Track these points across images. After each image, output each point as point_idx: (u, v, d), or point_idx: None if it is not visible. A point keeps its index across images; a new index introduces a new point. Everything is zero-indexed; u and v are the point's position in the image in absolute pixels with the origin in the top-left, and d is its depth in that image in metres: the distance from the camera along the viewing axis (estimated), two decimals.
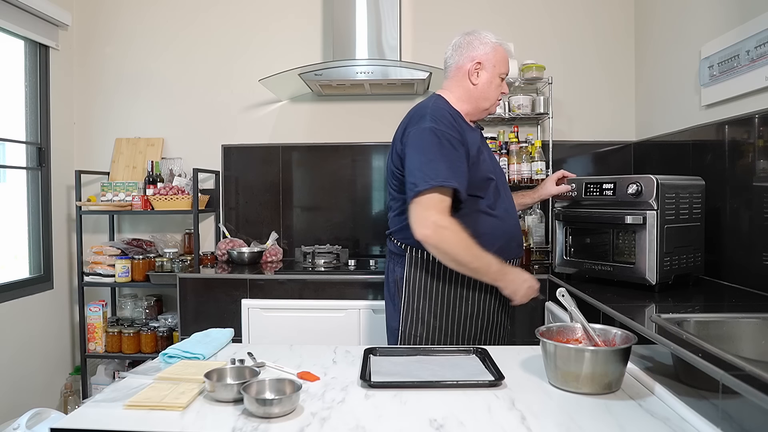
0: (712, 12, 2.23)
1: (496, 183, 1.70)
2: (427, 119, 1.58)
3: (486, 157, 1.72)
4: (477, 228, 1.59)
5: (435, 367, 1.34)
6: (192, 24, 3.22)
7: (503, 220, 1.70)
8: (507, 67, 1.76)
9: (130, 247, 3.04)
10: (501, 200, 1.71)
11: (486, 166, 1.69)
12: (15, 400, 2.71)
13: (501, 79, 1.75)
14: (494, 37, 1.74)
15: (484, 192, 1.66)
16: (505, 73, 1.76)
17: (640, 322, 1.44)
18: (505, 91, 1.78)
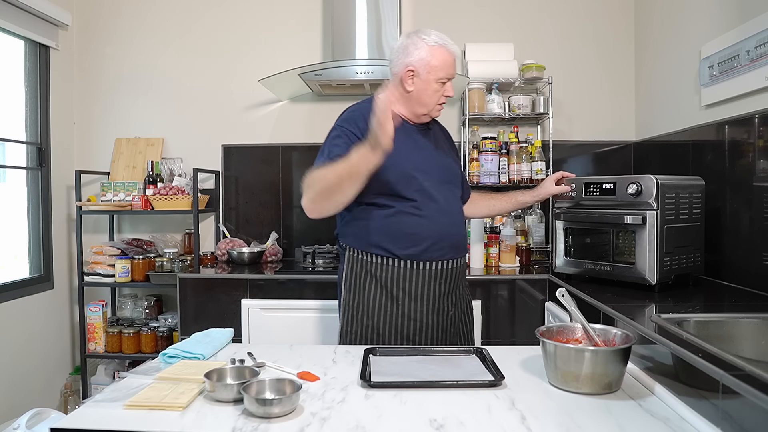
0: (712, 12, 2.23)
1: (424, 182, 1.65)
2: (340, 119, 1.72)
3: (407, 155, 1.64)
4: (401, 228, 1.65)
5: (435, 367, 1.34)
6: (192, 24, 3.22)
7: (431, 219, 1.65)
8: (447, 70, 1.67)
9: (130, 247, 3.04)
10: (431, 200, 1.66)
11: (404, 165, 1.62)
12: (15, 400, 2.72)
13: (441, 84, 1.68)
14: (434, 39, 1.66)
15: (406, 191, 1.63)
16: (444, 77, 1.68)
17: (640, 322, 1.44)
18: (449, 94, 1.70)
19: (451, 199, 1.75)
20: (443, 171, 1.75)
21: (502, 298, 2.50)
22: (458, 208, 1.79)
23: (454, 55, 1.69)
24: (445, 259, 1.70)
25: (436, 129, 1.85)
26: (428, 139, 1.77)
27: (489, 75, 2.91)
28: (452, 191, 1.77)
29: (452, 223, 1.72)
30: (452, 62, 1.69)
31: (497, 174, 2.91)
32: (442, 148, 1.81)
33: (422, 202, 1.65)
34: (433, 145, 1.78)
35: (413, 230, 1.64)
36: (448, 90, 1.70)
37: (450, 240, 1.70)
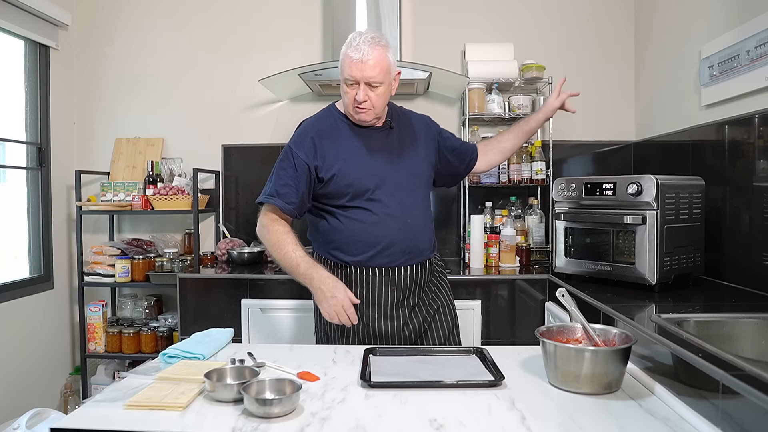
0: (712, 12, 2.23)
1: (376, 189, 1.66)
2: (292, 137, 1.76)
3: (358, 164, 1.67)
4: (350, 235, 1.69)
5: (435, 367, 1.34)
6: (192, 24, 3.22)
7: (381, 226, 1.66)
8: (347, 72, 1.61)
9: (130, 247, 3.04)
10: (383, 206, 1.67)
11: (354, 175, 1.65)
12: (15, 400, 2.71)
13: (348, 85, 1.63)
14: (347, 41, 1.64)
15: (356, 199, 1.66)
16: (347, 78, 1.62)
17: (640, 322, 1.44)
18: (358, 98, 1.61)
19: (409, 203, 1.71)
20: (402, 174, 1.71)
21: (502, 298, 2.50)
22: (416, 212, 1.73)
23: (353, 57, 1.58)
24: (396, 266, 1.69)
25: (402, 127, 1.79)
26: (388, 141, 1.74)
27: (489, 75, 2.91)
28: (412, 194, 1.73)
29: (405, 228, 1.69)
30: (351, 63, 1.59)
31: (497, 174, 2.91)
32: (407, 148, 1.76)
33: (373, 209, 1.67)
34: (394, 147, 1.74)
35: (361, 237, 1.67)
36: (356, 92, 1.61)
37: (401, 246, 1.69)
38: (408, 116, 1.85)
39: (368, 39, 1.60)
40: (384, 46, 1.63)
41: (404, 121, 1.82)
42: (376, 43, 1.60)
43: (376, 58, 1.59)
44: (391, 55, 1.65)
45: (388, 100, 1.71)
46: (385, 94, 1.66)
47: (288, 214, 1.71)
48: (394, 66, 1.68)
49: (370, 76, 1.60)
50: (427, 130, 1.86)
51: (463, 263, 2.88)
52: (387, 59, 1.63)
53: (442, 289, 1.86)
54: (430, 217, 1.82)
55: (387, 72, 1.63)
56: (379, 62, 1.60)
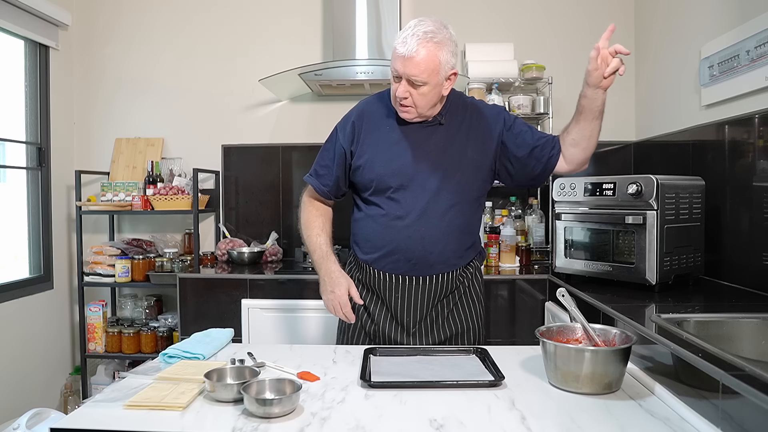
0: (712, 12, 2.23)
1: (399, 189, 1.56)
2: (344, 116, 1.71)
3: (388, 158, 1.57)
4: (364, 232, 1.65)
5: (435, 367, 1.34)
6: (192, 24, 3.22)
7: (390, 229, 1.57)
8: (393, 63, 1.50)
9: (130, 247, 3.04)
10: (400, 208, 1.56)
11: (379, 170, 1.57)
12: (15, 400, 2.71)
13: (393, 77, 1.53)
14: (403, 29, 1.51)
15: (376, 196, 1.60)
16: (392, 70, 1.52)
17: (640, 322, 1.44)
18: (398, 94, 1.50)
19: (432, 209, 1.56)
20: (435, 177, 1.56)
21: (502, 298, 2.50)
22: (437, 221, 1.56)
23: (398, 50, 1.46)
24: (399, 274, 1.60)
25: (457, 124, 1.61)
26: (432, 138, 1.58)
27: (489, 75, 2.91)
28: (439, 200, 1.56)
29: (415, 237, 1.56)
30: (396, 56, 1.48)
31: None
32: (454, 149, 1.59)
33: (388, 210, 1.58)
34: (438, 146, 1.58)
35: (370, 237, 1.63)
36: (397, 88, 1.50)
37: (406, 254, 1.57)
38: (470, 112, 1.63)
39: (419, 33, 1.45)
40: (438, 42, 1.46)
41: (463, 117, 1.62)
42: (427, 39, 1.44)
43: (422, 56, 1.44)
44: (444, 54, 1.48)
45: (435, 101, 1.54)
46: (430, 95, 1.50)
47: (323, 197, 1.69)
48: (447, 65, 1.49)
49: (413, 74, 1.45)
50: (490, 130, 1.61)
51: None
52: (436, 58, 1.46)
53: (467, 311, 1.67)
54: (460, 227, 1.60)
55: (434, 72, 1.47)
56: (424, 61, 1.44)
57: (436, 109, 1.58)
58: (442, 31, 1.49)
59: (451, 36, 1.51)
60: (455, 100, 1.64)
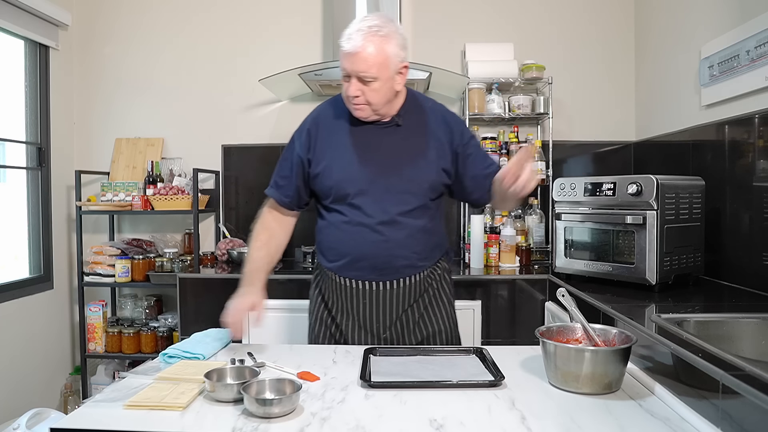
0: (712, 12, 2.23)
1: (359, 194, 1.52)
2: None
3: (345, 164, 1.52)
4: (327, 239, 1.62)
5: (435, 367, 1.33)
6: (192, 24, 3.22)
7: (353, 235, 1.53)
8: (341, 62, 1.45)
9: (130, 247, 3.04)
10: (363, 214, 1.52)
11: (337, 177, 1.53)
12: (15, 400, 2.71)
13: (343, 77, 1.48)
14: (347, 27, 1.46)
15: (337, 203, 1.56)
16: (341, 69, 1.47)
17: (640, 322, 1.44)
18: (349, 93, 1.46)
19: (395, 214, 1.52)
20: (397, 180, 1.51)
21: (502, 298, 2.50)
22: (402, 225, 1.52)
23: (344, 47, 1.43)
24: (365, 281, 1.56)
25: (415, 124, 1.56)
26: (391, 140, 1.54)
27: (489, 75, 2.91)
28: (403, 204, 1.52)
29: (378, 242, 1.52)
30: (342, 54, 1.44)
31: None
32: (414, 150, 1.54)
33: (349, 216, 1.53)
34: (396, 148, 1.54)
35: (334, 244, 1.59)
36: (348, 87, 1.46)
37: (372, 261, 1.54)
38: (430, 113, 1.60)
39: (364, 28, 1.42)
40: (384, 36, 1.42)
41: (421, 118, 1.58)
42: (372, 33, 1.41)
43: (369, 50, 1.40)
44: (392, 47, 1.44)
45: (389, 96, 1.49)
46: (382, 90, 1.46)
47: (286, 208, 1.66)
48: (396, 58, 1.45)
49: (361, 70, 1.42)
50: (448, 133, 1.58)
51: (463, 263, 2.88)
52: (384, 52, 1.42)
53: (438, 312, 1.65)
54: (424, 228, 1.57)
55: (383, 66, 1.43)
56: (372, 55, 1.41)
57: (393, 107, 1.55)
58: (388, 24, 1.46)
59: (398, 29, 1.48)
60: (413, 101, 1.60)
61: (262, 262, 1.63)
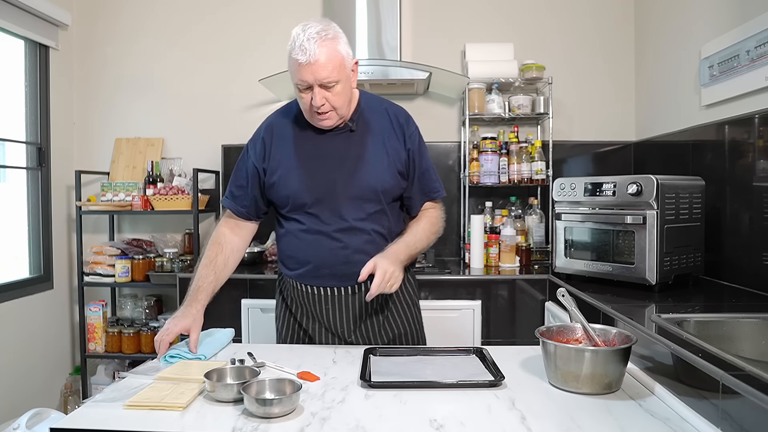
0: (712, 12, 2.23)
1: (315, 202, 1.51)
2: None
3: (301, 173, 1.51)
4: (287, 248, 1.61)
5: (435, 367, 1.34)
6: (192, 23, 3.22)
7: (312, 244, 1.53)
8: (298, 75, 1.41)
9: (130, 247, 3.04)
10: (320, 222, 1.51)
11: (293, 186, 1.51)
12: (15, 400, 2.71)
13: (301, 90, 1.45)
14: (289, 45, 1.43)
15: (294, 212, 1.55)
16: (298, 83, 1.43)
17: (640, 322, 1.44)
18: (315, 104, 1.43)
19: (354, 221, 1.51)
20: (353, 187, 1.50)
21: (502, 298, 2.50)
22: (361, 233, 1.51)
23: (300, 59, 1.39)
24: (326, 287, 1.56)
25: (368, 128, 1.55)
26: (346, 146, 1.53)
27: (489, 75, 2.91)
28: (360, 210, 1.51)
29: (336, 250, 1.50)
30: (299, 66, 1.40)
31: (497, 174, 2.91)
32: (369, 155, 1.52)
33: (308, 225, 1.53)
34: (352, 154, 1.52)
35: (293, 253, 1.58)
36: (312, 97, 1.43)
37: (332, 269, 1.53)
38: (381, 113, 1.58)
39: (313, 35, 1.40)
40: (332, 38, 1.42)
41: (373, 120, 1.57)
42: (323, 38, 1.40)
43: (326, 55, 1.39)
44: (343, 46, 1.44)
45: (349, 95, 1.50)
46: (344, 91, 1.46)
47: (243, 218, 1.63)
48: (349, 57, 1.46)
49: (323, 77, 1.40)
50: (401, 134, 1.57)
51: (463, 263, 2.88)
52: (339, 53, 1.42)
53: (403, 313, 1.64)
54: (383, 233, 1.55)
55: (342, 67, 1.43)
56: (330, 59, 1.40)
57: (351, 107, 1.54)
58: (330, 25, 1.46)
59: (338, 28, 1.48)
60: (366, 103, 1.59)
61: (205, 282, 1.55)
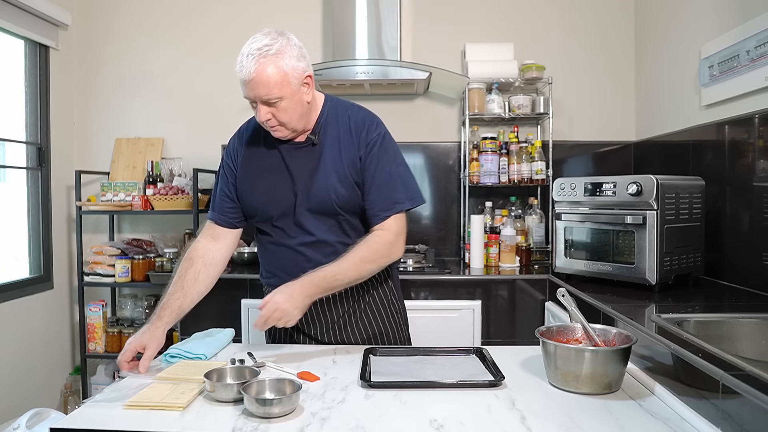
0: (712, 12, 2.23)
1: (281, 216, 1.51)
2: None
3: (266, 187, 1.51)
4: (262, 258, 1.62)
5: (435, 367, 1.34)
6: (192, 24, 3.22)
7: (281, 257, 1.54)
8: (245, 92, 1.42)
9: (130, 247, 3.04)
10: (286, 236, 1.51)
11: (259, 199, 1.51)
12: (15, 400, 2.71)
13: (250, 103, 1.45)
14: (238, 59, 1.42)
15: (263, 224, 1.55)
16: (247, 98, 1.44)
17: (640, 322, 1.44)
18: (259, 118, 1.43)
19: (317, 233, 1.49)
20: (316, 200, 1.47)
21: (502, 298, 2.50)
22: (325, 245, 1.49)
23: (239, 75, 1.41)
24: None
25: (330, 139, 1.50)
26: (309, 159, 1.49)
27: (489, 75, 2.91)
28: (324, 223, 1.50)
29: (301, 262, 1.46)
30: (245, 83, 1.41)
31: (497, 174, 2.91)
32: (329, 167, 1.48)
33: (275, 237, 1.54)
34: (314, 167, 1.48)
35: (264, 263, 1.61)
36: (259, 112, 1.42)
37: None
38: (343, 122, 1.53)
39: (254, 52, 1.38)
40: (276, 53, 1.38)
41: (336, 130, 1.52)
42: (262, 55, 1.37)
43: (263, 73, 1.37)
44: (287, 61, 1.39)
45: (300, 110, 1.45)
46: (291, 107, 1.41)
47: (223, 226, 1.59)
48: (295, 72, 1.41)
49: (263, 94, 1.39)
50: (357, 142, 1.50)
51: (463, 263, 2.88)
52: (280, 70, 1.37)
53: (380, 313, 1.62)
54: (347, 243, 1.50)
55: (284, 84, 1.38)
56: (269, 77, 1.37)
57: (309, 121, 1.50)
58: (278, 39, 1.40)
59: (290, 41, 1.42)
60: (332, 111, 1.54)
61: (171, 298, 1.51)
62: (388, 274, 1.65)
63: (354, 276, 1.43)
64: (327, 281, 1.39)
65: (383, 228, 1.48)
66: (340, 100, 1.59)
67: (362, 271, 1.45)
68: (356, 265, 1.43)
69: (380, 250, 1.46)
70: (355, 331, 1.60)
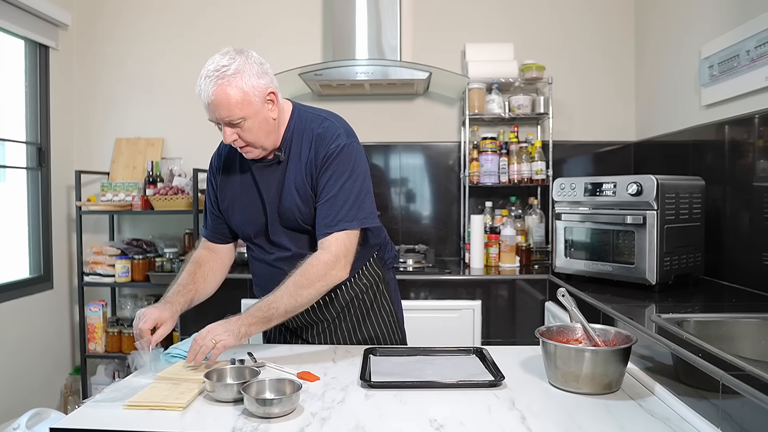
0: (712, 12, 2.23)
1: (259, 233, 1.53)
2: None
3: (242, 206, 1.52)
4: (251, 270, 1.65)
5: (435, 367, 1.34)
6: (192, 23, 3.22)
7: (261, 269, 1.58)
8: (209, 114, 1.39)
9: (130, 247, 3.04)
10: (265, 252, 1.54)
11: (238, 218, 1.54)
12: (15, 400, 2.71)
13: (217, 126, 1.43)
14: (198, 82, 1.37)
15: (247, 241, 1.58)
16: (211, 120, 1.42)
17: (640, 322, 1.44)
18: (225, 140, 1.41)
19: (293, 248, 1.49)
20: (286, 217, 1.48)
21: (502, 298, 2.50)
22: (301, 259, 1.43)
23: (203, 98, 1.36)
24: None
25: (295, 159, 1.47)
26: (276, 176, 1.48)
27: (489, 75, 2.91)
28: (298, 238, 1.50)
29: (281, 276, 1.41)
30: (206, 106, 1.38)
31: (497, 174, 2.91)
32: (298, 185, 1.45)
33: (255, 252, 1.58)
34: (281, 184, 1.47)
35: (253, 276, 1.65)
36: (225, 134, 1.39)
37: None
38: (305, 135, 1.48)
39: (211, 74, 1.34)
40: (234, 74, 1.33)
41: (300, 145, 1.48)
42: (220, 77, 1.33)
43: (223, 95, 1.33)
44: (247, 81, 1.34)
45: (267, 128, 1.41)
46: (256, 127, 1.38)
47: (215, 242, 1.64)
48: (256, 90, 1.36)
49: (225, 117, 1.35)
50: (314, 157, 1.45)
51: (463, 263, 2.88)
52: (239, 91, 1.33)
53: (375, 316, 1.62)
54: None
55: (245, 104, 1.35)
56: (229, 98, 1.33)
57: (277, 138, 1.46)
58: (236, 59, 1.36)
59: (249, 58, 1.37)
60: (299, 126, 1.49)
61: (185, 289, 1.56)
62: (380, 276, 1.64)
63: (290, 303, 1.36)
64: (262, 310, 1.36)
65: (323, 247, 1.40)
66: (308, 111, 1.53)
67: (299, 297, 1.36)
68: (290, 293, 1.36)
69: (316, 274, 1.37)
70: (345, 334, 1.61)
